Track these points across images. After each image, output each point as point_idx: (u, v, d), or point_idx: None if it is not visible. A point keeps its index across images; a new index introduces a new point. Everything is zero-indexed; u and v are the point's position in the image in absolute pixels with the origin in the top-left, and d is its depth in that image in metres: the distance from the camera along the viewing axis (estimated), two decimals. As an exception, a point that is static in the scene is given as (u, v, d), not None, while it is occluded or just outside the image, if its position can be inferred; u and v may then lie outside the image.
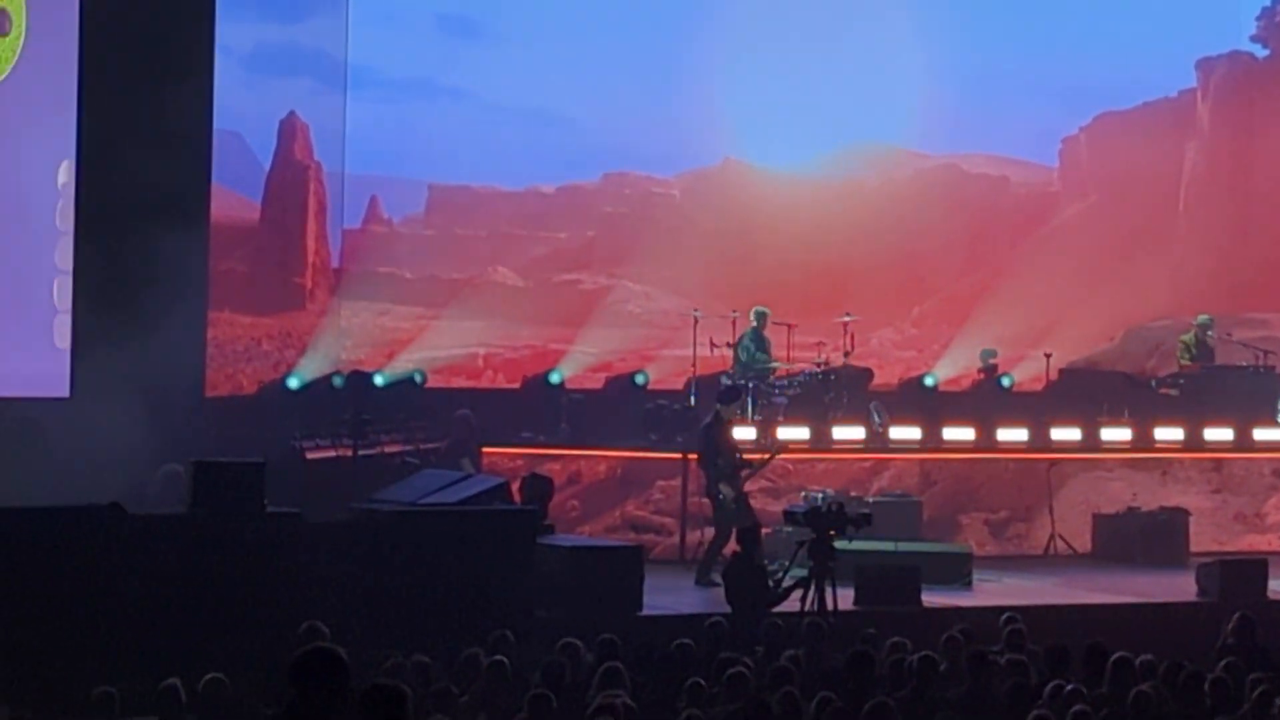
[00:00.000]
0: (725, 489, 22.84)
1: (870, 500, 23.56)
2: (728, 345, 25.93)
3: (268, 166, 26.28)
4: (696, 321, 26.03)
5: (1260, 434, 27.41)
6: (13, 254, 23.57)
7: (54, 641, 14.95)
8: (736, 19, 28.83)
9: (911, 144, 30.31)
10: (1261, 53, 31.78)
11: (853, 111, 29.51)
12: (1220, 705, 14.66)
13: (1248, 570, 22.14)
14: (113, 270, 22.66)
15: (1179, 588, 22.55)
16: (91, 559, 16.92)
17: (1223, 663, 15.86)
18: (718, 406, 23.82)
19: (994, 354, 27.51)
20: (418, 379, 26.29)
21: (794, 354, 26.28)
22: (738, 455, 23.26)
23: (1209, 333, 28.49)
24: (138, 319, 22.02)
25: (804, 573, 20.03)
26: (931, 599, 21.03)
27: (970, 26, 30.18)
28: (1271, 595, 21.57)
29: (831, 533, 20.24)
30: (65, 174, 23.36)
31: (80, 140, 23.24)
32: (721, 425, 23.35)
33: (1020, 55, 30.50)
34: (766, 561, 21.12)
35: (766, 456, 24.29)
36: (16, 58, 23.54)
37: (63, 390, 23.14)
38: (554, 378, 26.78)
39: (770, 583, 20.47)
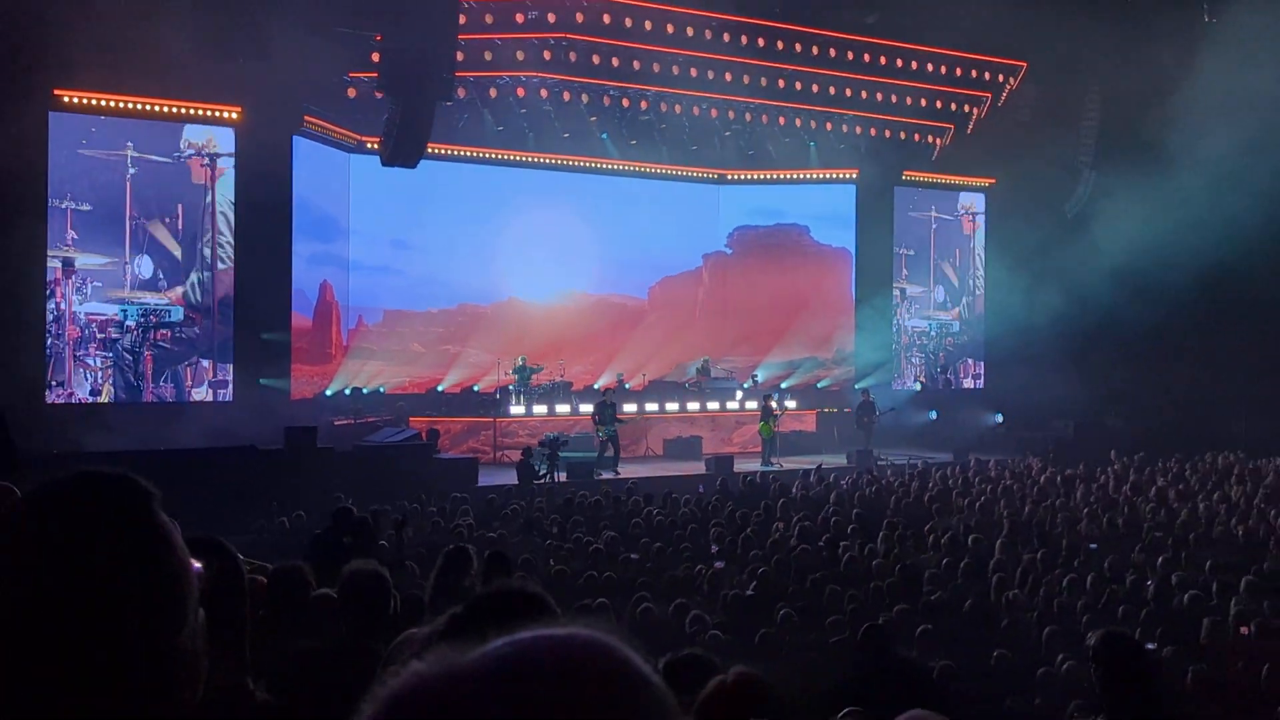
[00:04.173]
0: (603, 431, 24.92)
1: (571, 436, 25.19)
2: (512, 374, 27.49)
3: (314, 302, 27.10)
4: (498, 364, 28.02)
5: (730, 405, 29.64)
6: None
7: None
8: (520, 225, 30.21)
9: (588, 289, 31.91)
10: (729, 252, 34.08)
11: (565, 272, 31.18)
12: (710, 515, 16.86)
13: (725, 461, 24.44)
14: (255, 349, 23.97)
15: (699, 468, 24.66)
16: (238, 475, 17.79)
17: (714, 496, 18.94)
18: (605, 399, 25.57)
19: (622, 374, 29.92)
20: (382, 390, 27.71)
21: (540, 377, 27.74)
22: (616, 419, 25.23)
23: (709, 364, 30.71)
24: (265, 369, 23.98)
25: (547, 466, 22.92)
26: (598, 476, 23.39)
27: (612, 228, 31.53)
28: (735, 472, 23.09)
29: (557, 449, 23.40)
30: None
31: (235, 300, 24.07)
32: (610, 406, 25.18)
33: (633, 245, 32.02)
34: (535, 463, 22.70)
35: (626, 420, 26.37)
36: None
37: (230, 398, 24.01)
38: (439, 389, 28.67)
39: (538, 470, 22.68)
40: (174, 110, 24.01)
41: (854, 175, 33.13)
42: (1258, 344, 30.83)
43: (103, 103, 23.22)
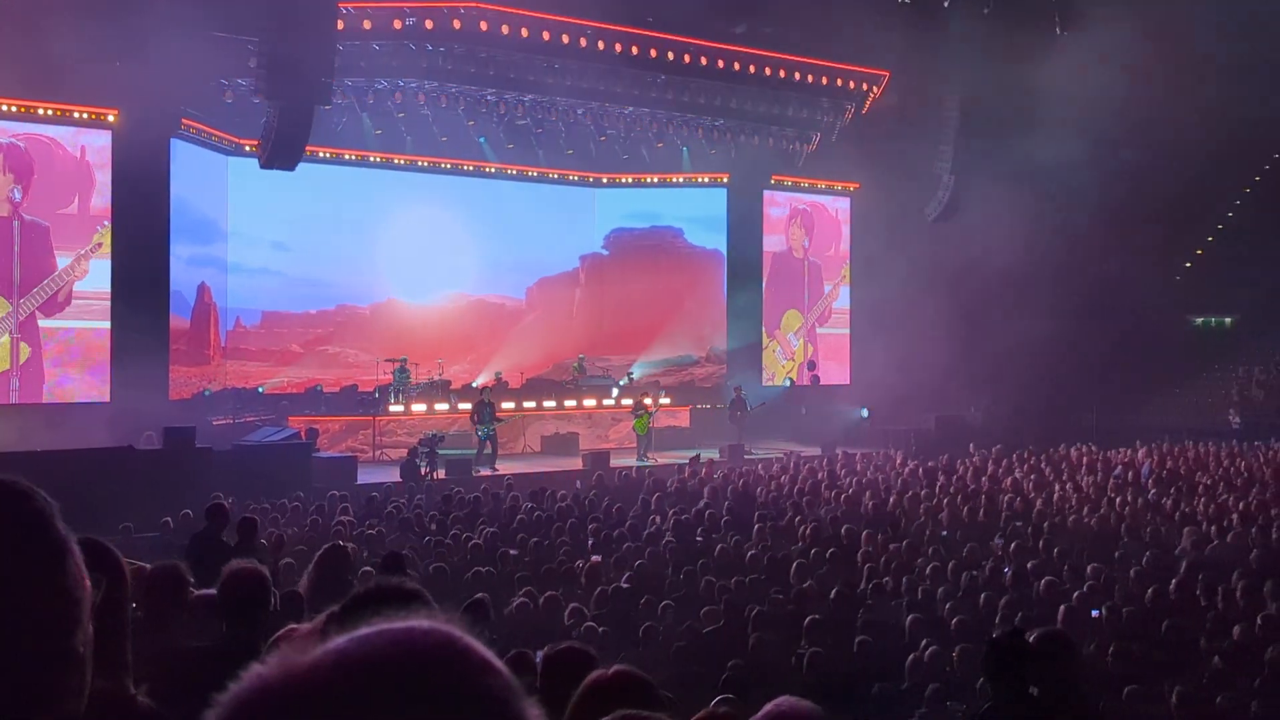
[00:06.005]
0: (482, 430, 24.66)
1: (449, 434, 24.94)
2: (392, 373, 27.27)
3: (192, 304, 26.70)
4: (378, 363, 27.83)
5: (606, 402, 29.53)
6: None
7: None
8: (398, 227, 30.10)
9: (467, 290, 31.92)
10: (604, 253, 34.34)
11: (444, 273, 31.10)
12: (588, 510, 16.70)
13: (602, 457, 24.72)
14: (132, 351, 23.13)
15: (576, 464, 24.96)
16: (116, 476, 17.12)
17: (591, 492, 19.02)
18: (483, 398, 25.35)
19: (501, 372, 29.17)
20: (260, 390, 27.76)
21: (419, 375, 27.74)
22: (495, 417, 24.91)
23: (584, 362, 31.31)
24: (142, 370, 22.95)
25: (426, 464, 22.53)
26: (477, 473, 23.35)
27: (490, 230, 31.37)
28: (611, 467, 23.47)
29: (436, 449, 23.07)
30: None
31: (112, 302, 23.85)
32: (488, 405, 24.91)
33: (511, 246, 31.95)
34: (418, 461, 22.54)
35: (505, 419, 26.03)
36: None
37: (107, 399, 23.60)
38: (319, 389, 28.10)
39: (421, 467, 22.39)
40: (50, 112, 23.67)
41: (725, 179, 33.55)
42: (1107, 341, 31.80)
43: (-24, 104, 22.71)
